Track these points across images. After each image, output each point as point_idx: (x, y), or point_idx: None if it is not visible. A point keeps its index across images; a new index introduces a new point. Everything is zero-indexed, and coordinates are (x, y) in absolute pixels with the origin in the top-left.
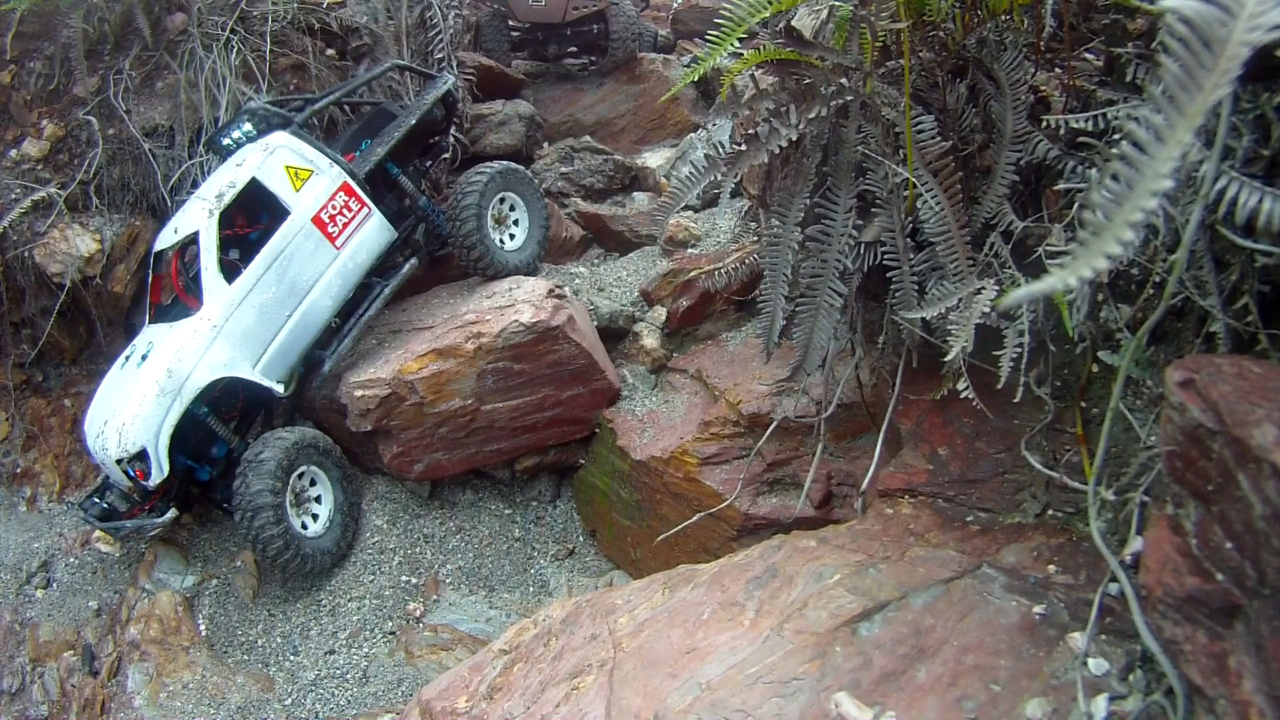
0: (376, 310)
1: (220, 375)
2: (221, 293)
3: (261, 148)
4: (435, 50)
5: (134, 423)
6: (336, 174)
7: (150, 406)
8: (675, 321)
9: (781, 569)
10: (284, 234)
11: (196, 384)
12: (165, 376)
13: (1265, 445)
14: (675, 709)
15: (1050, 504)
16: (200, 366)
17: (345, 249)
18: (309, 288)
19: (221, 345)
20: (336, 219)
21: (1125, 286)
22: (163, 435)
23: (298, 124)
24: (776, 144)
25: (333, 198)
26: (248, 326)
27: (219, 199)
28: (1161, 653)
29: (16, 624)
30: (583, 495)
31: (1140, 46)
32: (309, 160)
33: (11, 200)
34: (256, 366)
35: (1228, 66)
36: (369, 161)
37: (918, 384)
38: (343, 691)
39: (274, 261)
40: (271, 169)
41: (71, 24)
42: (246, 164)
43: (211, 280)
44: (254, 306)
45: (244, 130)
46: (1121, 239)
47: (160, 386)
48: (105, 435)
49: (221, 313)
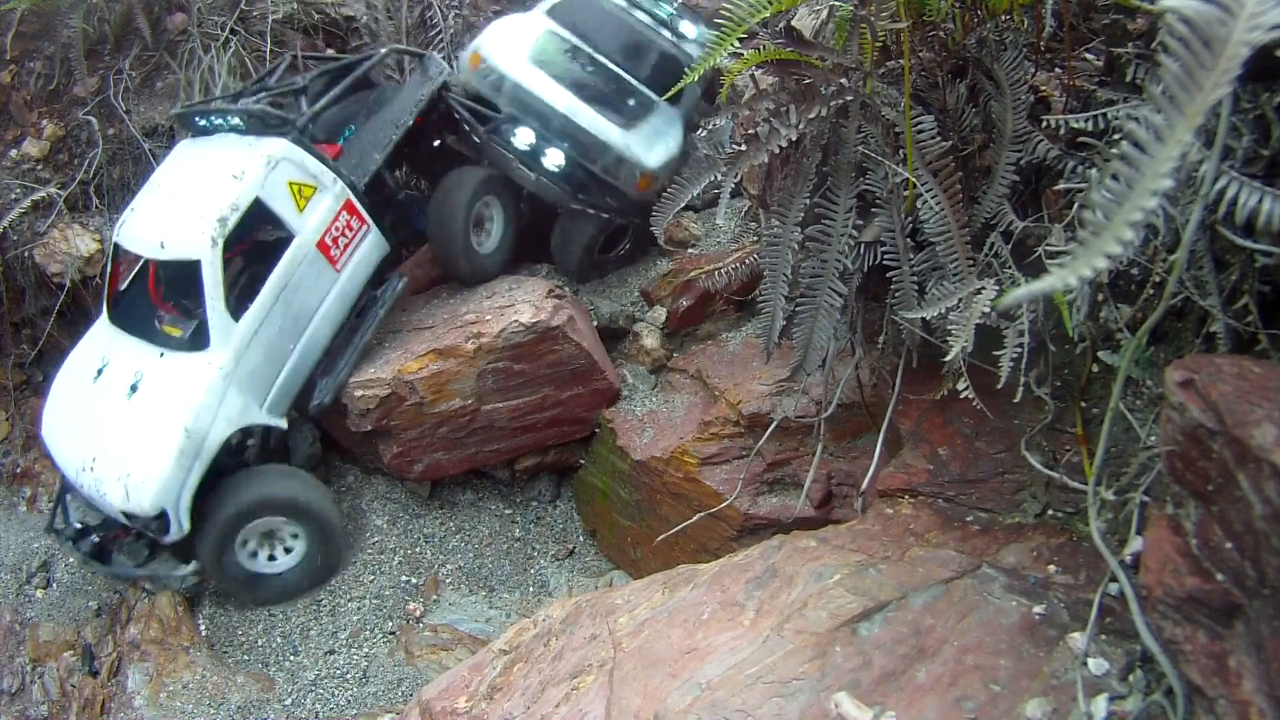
0: (373, 334)
1: (237, 428)
2: (229, 333)
3: (262, 160)
4: (435, 50)
5: (151, 484)
6: (340, 190)
7: (170, 469)
8: (675, 321)
9: (781, 569)
10: (289, 262)
11: (216, 441)
12: (184, 437)
13: (1265, 445)
14: (675, 709)
15: (1050, 504)
16: (218, 423)
17: (345, 271)
18: (311, 316)
19: (234, 394)
20: (339, 240)
21: (1125, 286)
22: (184, 497)
23: (299, 129)
24: (776, 144)
25: (336, 218)
26: (255, 366)
27: (222, 224)
28: (1161, 653)
29: (16, 624)
30: (583, 495)
31: (1140, 46)
32: (312, 175)
33: (11, 200)
34: (264, 407)
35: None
36: (367, 169)
37: (918, 384)
38: (343, 691)
39: (280, 293)
40: (275, 186)
41: (71, 24)
42: (247, 178)
43: (219, 320)
44: (262, 344)
45: (230, 122)
46: (1121, 239)
47: (180, 448)
48: (100, 478)
49: (231, 357)
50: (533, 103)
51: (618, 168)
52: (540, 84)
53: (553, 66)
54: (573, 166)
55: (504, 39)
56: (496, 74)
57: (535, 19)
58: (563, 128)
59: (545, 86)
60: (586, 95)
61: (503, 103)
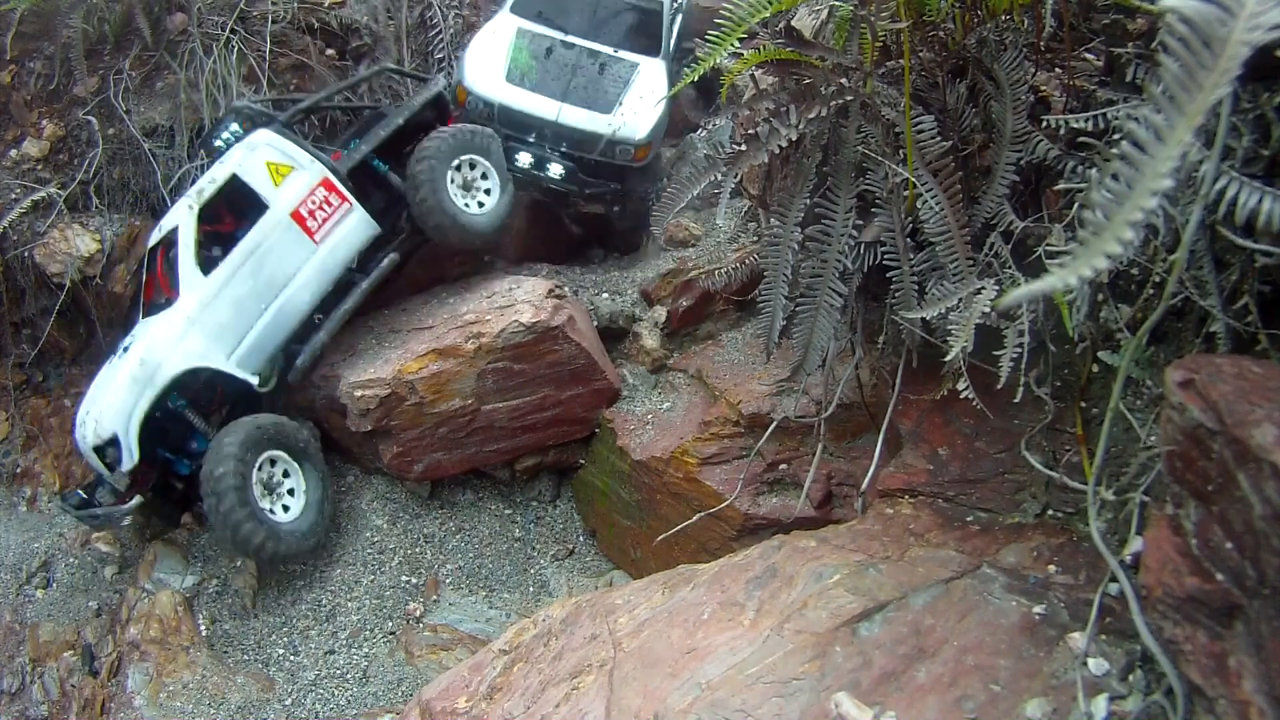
0: (355, 304)
1: (193, 365)
2: (197, 285)
3: (245, 145)
4: (435, 50)
5: (108, 410)
6: (317, 170)
7: (123, 394)
8: (675, 321)
9: (781, 569)
10: (262, 228)
11: (168, 372)
12: (138, 366)
13: (1265, 445)
14: (675, 709)
15: (1050, 504)
16: (173, 356)
17: (325, 244)
18: (286, 281)
19: (195, 336)
20: (316, 214)
21: (1125, 286)
22: (133, 421)
23: (281, 122)
24: (776, 144)
25: (312, 192)
26: (223, 319)
27: (199, 194)
28: (1161, 653)
29: (16, 624)
30: (583, 495)
31: (1140, 46)
32: (290, 156)
33: (11, 200)
34: (231, 358)
35: (1228, 66)
36: (352, 158)
37: (918, 384)
38: (343, 691)
39: (251, 255)
40: (252, 165)
41: (71, 24)
42: (228, 160)
43: (188, 272)
44: (230, 299)
45: (233, 130)
46: (1121, 239)
47: (133, 375)
48: (85, 425)
49: (196, 304)
50: (522, 118)
51: (613, 150)
52: (523, 100)
53: (530, 77)
54: (574, 164)
55: (480, 65)
56: (483, 102)
57: (503, 22)
58: (556, 132)
59: (528, 100)
60: (568, 95)
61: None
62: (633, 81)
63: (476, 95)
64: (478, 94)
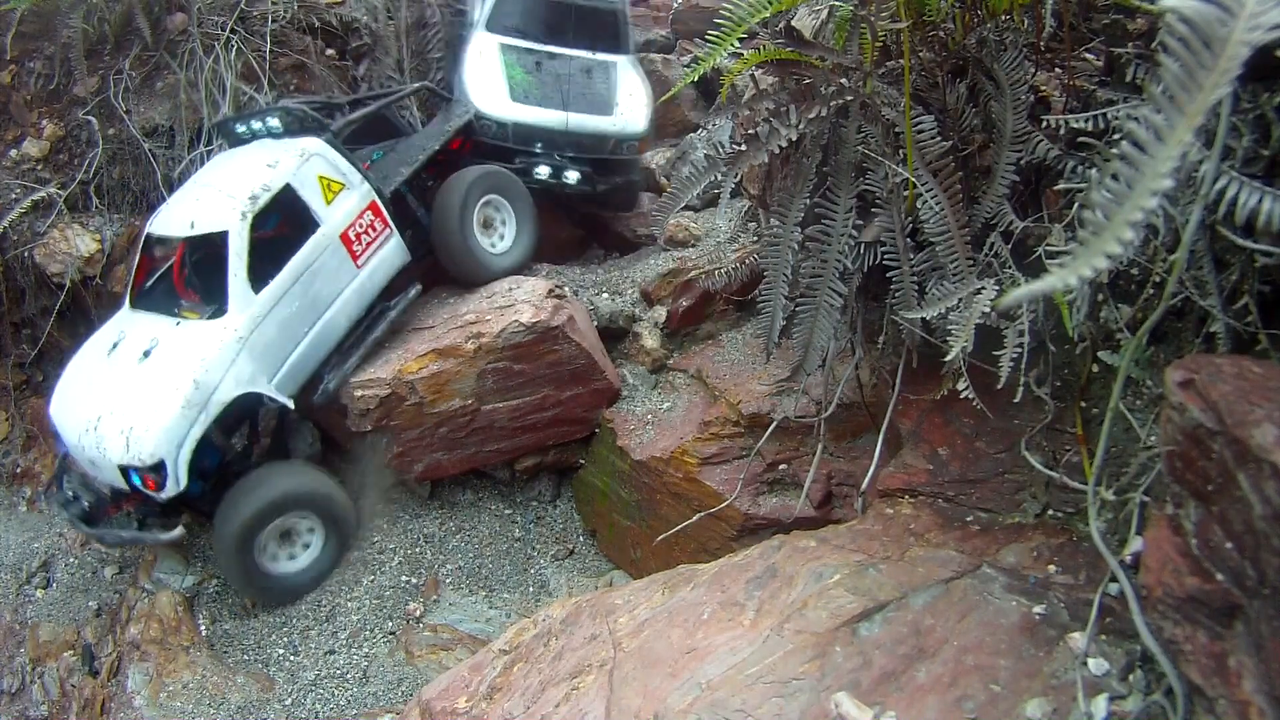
0: (383, 333)
1: (245, 391)
2: (248, 303)
3: (297, 152)
4: (433, 50)
5: (153, 432)
6: (366, 191)
7: (174, 418)
8: (675, 321)
9: (781, 569)
10: (313, 247)
11: (223, 399)
12: (192, 388)
13: (1265, 445)
14: (675, 709)
15: (1050, 504)
16: (227, 380)
17: (365, 269)
18: (328, 304)
19: (245, 359)
20: (362, 238)
21: (1125, 286)
22: (185, 449)
23: (333, 133)
24: (776, 144)
25: (361, 215)
26: (270, 340)
27: (252, 200)
28: (1161, 653)
29: (16, 624)
30: (583, 495)
31: (1140, 46)
32: (342, 173)
33: (11, 200)
34: (273, 381)
35: (1228, 66)
36: (393, 182)
37: (918, 384)
38: (343, 691)
39: (301, 274)
40: (306, 177)
41: (71, 24)
42: (281, 166)
43: (239, 288)
44: (277, 320)
45: (269, 125)
46: (1121, 239)
47: (186, 399)
48: (103, 434)
49: (247, 324)
50: (534, 132)
51: (619, 146)
52: (531, 115)
53: (532, 92)
54: (588, 166)
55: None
56: (496, 123)
57: (484, 42)
58: (566, 137)
59: (536, 114)
60: (570, 103)
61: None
62: (617, 80)
63: (490, 118)
64: (491, 116)
